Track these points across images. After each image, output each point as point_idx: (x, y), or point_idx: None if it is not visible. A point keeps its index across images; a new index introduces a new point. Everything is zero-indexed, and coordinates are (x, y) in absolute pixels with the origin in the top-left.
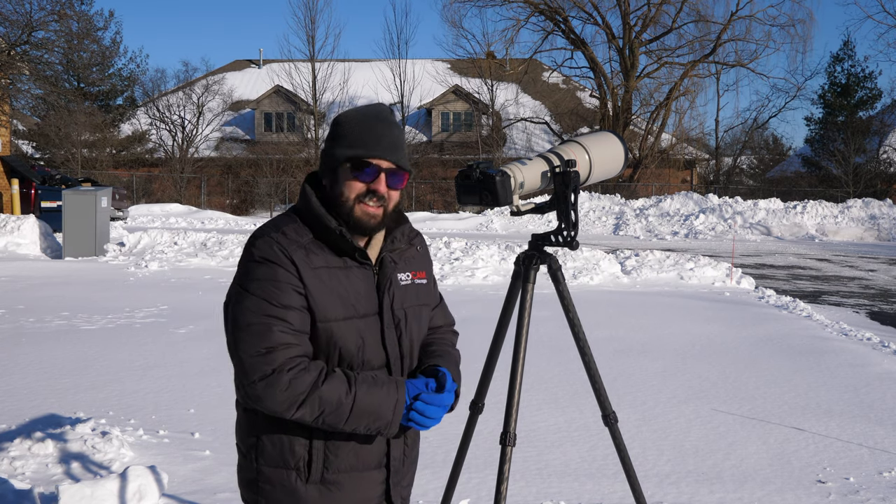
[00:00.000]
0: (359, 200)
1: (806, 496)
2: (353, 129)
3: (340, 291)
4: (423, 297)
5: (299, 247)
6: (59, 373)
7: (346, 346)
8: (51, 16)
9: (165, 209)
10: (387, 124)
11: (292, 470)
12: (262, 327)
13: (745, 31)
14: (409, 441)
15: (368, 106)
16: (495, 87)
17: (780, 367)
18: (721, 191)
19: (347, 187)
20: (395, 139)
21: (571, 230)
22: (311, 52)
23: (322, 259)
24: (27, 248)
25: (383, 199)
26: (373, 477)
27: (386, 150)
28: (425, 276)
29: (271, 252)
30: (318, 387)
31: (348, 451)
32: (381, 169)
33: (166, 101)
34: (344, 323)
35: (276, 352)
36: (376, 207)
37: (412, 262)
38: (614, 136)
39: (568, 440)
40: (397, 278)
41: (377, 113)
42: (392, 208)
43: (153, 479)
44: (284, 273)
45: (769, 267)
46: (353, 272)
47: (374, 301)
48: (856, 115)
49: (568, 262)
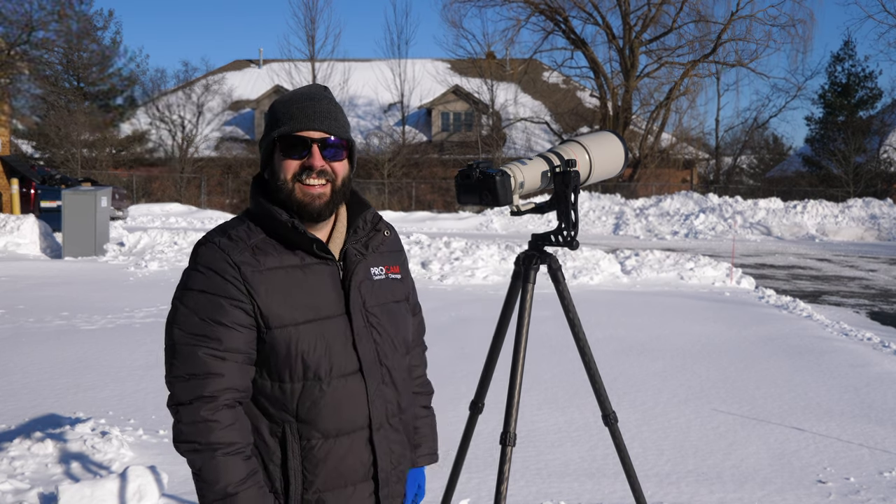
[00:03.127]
0: (296, 180)
1: (806, 496)
2: (280, 109)
3: (298, 292)
4: (400, 293)
5: (246, 248)
6: (59, 373)
7: (308, 352)
8: (51, 16)
9: (165, 209)
10: (314, 99)
11: (269, 494)
12: (187, 349)
13: (745, 30)
14: (397, 449)
15: (299, 87)
16: (495, 87)
17: (780, 367)
18: (721, 190)
19: (282, 169)
20: (326, 109)
21: (571, 230)
22: (311, 51)
23: (276, 259)
24: (27, 248)
25: (325, 173)
26: (359, 491)
27: (313, 121)
28: (399, 271)
29: (210, 259)
30: (220, 452)
31: (328, 466)
32: (313, 140)
33: (166, 101)
34: (304, 327)
35: (198, 380)
36: (320, 186)
37: (385, 256)
38: (614, 135)
39: (568, 440)
40: (369, 272)
41: (305, 91)
42: (341, 184)
43: (153, 479)
44: (223, 283)
45: (769, 267)
46: (314, 269)
47: (340, 299)
48: (856, 114)
49: (568, 262)
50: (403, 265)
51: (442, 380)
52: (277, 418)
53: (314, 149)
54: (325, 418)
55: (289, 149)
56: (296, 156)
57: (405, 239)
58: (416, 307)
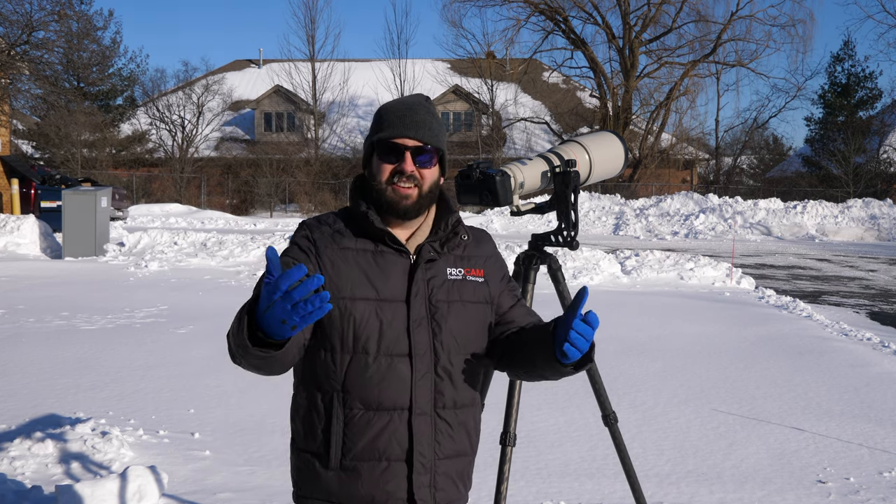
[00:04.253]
0: (390, 182)
1: (806, 496)
2: (382, 115)
3: (364, 272)
4: (477, 295)
5: (329, 229)
6: (59, 373)
7: (360, 325)
8: (51, 16)
9: (165, 209)
10: (414, 107)
11: (314, 455)
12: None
13: (745, 31)
14: (444, 441)
15: (404, 96)
16: (495, 87)
17: (780, 367)
18: (721, 191)
19: (379, 171)
20: (421, 118)
21: (571, 230)
22: (311, 51)
23: (352, 241)
24: (27, 248)
25: (413, 178)
26: (393, 470)
27: (409, 129)
28: (483, 275)
29: (298, 236)
30: None
31: (366, 437)
32: (406, 147)
33: (166, 101)
34: (361, 302)
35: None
36: (408, 188)
37: (469, 260)
38: (614, 136)
39: (568, 440)
40: (444, 271)
41: (407, 100)
42: (428, 189)
43: (153, 479)
44: (300, 254)
45: (769, 267)
46: (386, 256)
47: (404, 287)
48: (856, 115)
49: (568, 262)
50: (493, 270)
51: None
52: (327, 387)
53: (406, 155)
54: (367, 391)
55: (385, 153)
56: (391, 160)
57: None
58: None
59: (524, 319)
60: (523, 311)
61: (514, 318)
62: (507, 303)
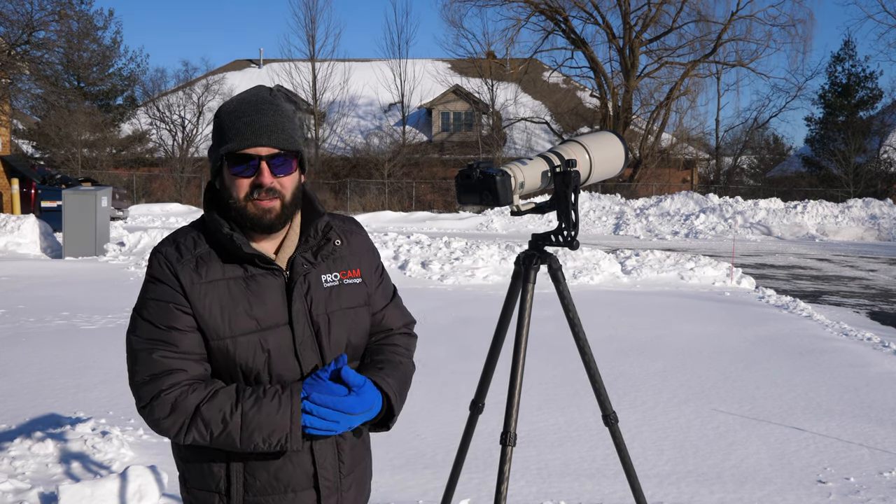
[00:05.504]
0: (249, 198)
1: (806, 496)
2: (225, 121)
3: (239, 304)
4: (357, 298)
5: (191, 259)
6: (59, 373)
7: (247, 363)
8: (51, 16)
9: (165, 209)
10: (259, 107)
11: (214, 493)
12: (145, 354)
13: (745, 30)
14: (346, 459)
15: (244, 92)
16: (495, 86)
17: (780, 367)
18: (721, 190)
19: (234, 186)
20: (270, 121)
21: (572, 230)
22: (312, 51)
23: (219, 270)
24: (27, 248)
25: (273, 190)
26: (301, 499)
27: (259, 136)
28: (359, 275)
29: (158, 269)
30: (200, 410)
31: (267, 471)
32: (261, 157)
33: (166, 101)
34: (242, 339)
35: (159, 379)
36: (270, 200)
37: (341, 261)
38: (615, 135)
39: (568, 440)
40: (319, 280)
41: (248, 98)
42: (291, 197)
43: (153, 479)
44: (170, 292)
45: (769, 267)
46: (258, 280)
47: (284, 309)
48: (856, 115)
49: (568, 262)
50: (367, 266)
51: (442, 379)
52: None
53: (262, 166)
54: None
55: (237, 166)
56: (245, 173)
57: (405, 239)
58: (388, 297)
59: (397, 322)
60: (396, 313)
61: (388, 322)
62: (380, 302)
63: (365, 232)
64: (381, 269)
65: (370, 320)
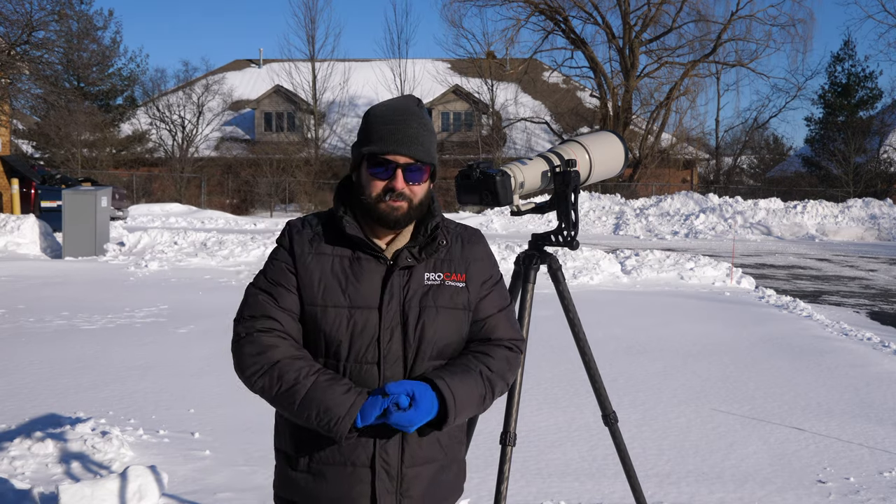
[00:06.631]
0: (380, 199)
1: (806, 496)
2: (373, 124)
3: (337, 278)
4: (455, 300)
5: (309, 233)
6: (59, 373)
7: (330, 333)
8: (50, 16)
9: (165, 209)
10: (406, 118)
11: (286, 456)
12: (252, 298)
13: (745, 30)
14: (411, 450)
15: (394, 99)
16: (495, 86)
17: (780, 367)
18: (721, 190)
19: (369, 185)
20: (414, 133)
21: (571, 230)
22: (311, 51)
23: (330, 247)
24: (27, 248)
25: (404, 195)
26: (358, 474)
27: (401, 145)
28: (464, 280)
29: (281, 237)
30: (283, 361)
31: (333, 443)
32: (398, 165)
33: (166, 101)
34: (333, 310)
35: (258, 320)
36: (398, 202)
37: (448, 263)
38: (614, 135)
39: (568, 440)
40: (421, 276)
41: (398, 106)
42: (418, 202)
43: (153, 479)
44: (285, 255)
45: (769, 267)
46: (362, 263)
47: (376, 294)
48: (856, 114)
49: (568, 262)
50: (476, 274)
51: None
52: None
53: (398, 173)
54: None
55: (375, 167)
56: (381, 175)
57: None
58: (497, 308)
59: (501, 333)
60: (503, 324)
61: (490, 331)
62: (486, 311)
63: (484, 242)
64: (494, 280)
65: (470, 327)
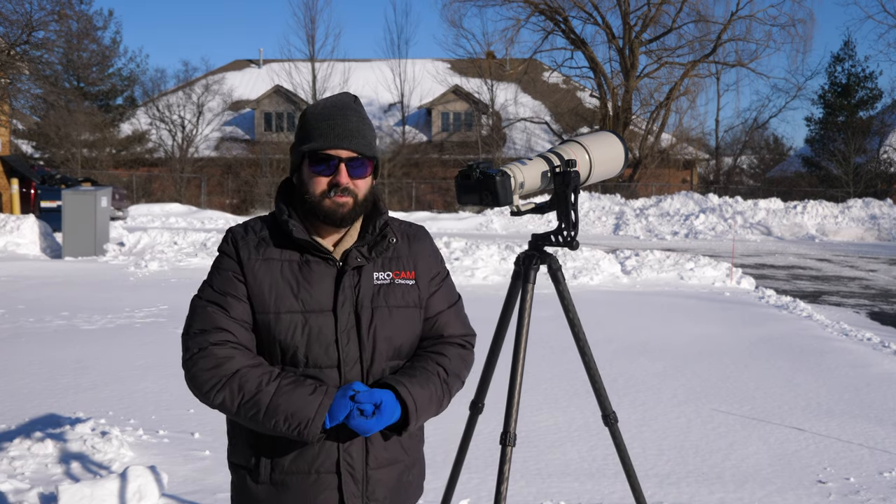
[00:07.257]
0: (325, 196)
1: (806, 496)
2: (312, 122)
3: (287, 284)
4: (406, 298)
5: (254, 238)
6: (59, 373)
7: (285, 340)
8: (51, 16)
9: (165, 209)
10: (345, 112)
11: (245, 469)
12: (200, 310)
13: (745, 30)
14: (376, 453)
15: (331, 97)
16: (495, 87)
17: (780, 367)
18: (721, 191)
19: (312, 183)
20: (354, 127)
21: (571, 230)
22: (311, 51)
23: (277, 252)
24: (27, 248)
25: (348, 189)
26: (323, 481)
27: (342, 139)
28: (413, 277)
29: (224, 244)
30: (241, 371)
31: (294, 450)
32: (341, 159)
33: (166, 101)
34: (285, 316)
35: (210, 333)
36: (343, 198)
37: (397, 261)
38: (614, 136)
39: (568, 440)
40: (371, 275)
41: (336, 103)
42: (363, 197)
43: (153, 479)
44: (229, 262)
45: (769, 267)
46: (312, 266)
47: (329, 296)
48: (856, 115)
49: (568, 262)
50: (424, 270)
51: None
52: None
53: (341, 167)
54: None
55: (317, 164)
56: (324, 172)
57: None
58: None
59: (453, 329)
60: (454, 321)
61: (442, 328)
62: (436, 307)
63: (430, 239)
64: (442, 276)
65: (423, 324)
